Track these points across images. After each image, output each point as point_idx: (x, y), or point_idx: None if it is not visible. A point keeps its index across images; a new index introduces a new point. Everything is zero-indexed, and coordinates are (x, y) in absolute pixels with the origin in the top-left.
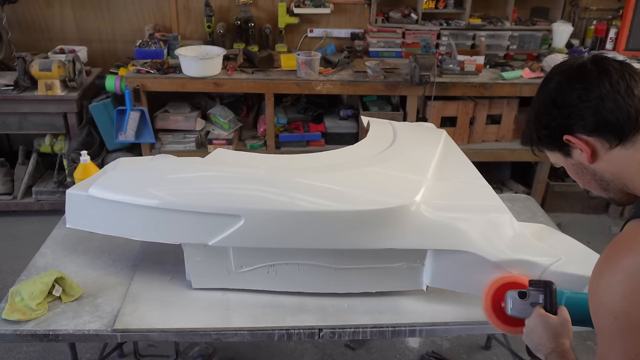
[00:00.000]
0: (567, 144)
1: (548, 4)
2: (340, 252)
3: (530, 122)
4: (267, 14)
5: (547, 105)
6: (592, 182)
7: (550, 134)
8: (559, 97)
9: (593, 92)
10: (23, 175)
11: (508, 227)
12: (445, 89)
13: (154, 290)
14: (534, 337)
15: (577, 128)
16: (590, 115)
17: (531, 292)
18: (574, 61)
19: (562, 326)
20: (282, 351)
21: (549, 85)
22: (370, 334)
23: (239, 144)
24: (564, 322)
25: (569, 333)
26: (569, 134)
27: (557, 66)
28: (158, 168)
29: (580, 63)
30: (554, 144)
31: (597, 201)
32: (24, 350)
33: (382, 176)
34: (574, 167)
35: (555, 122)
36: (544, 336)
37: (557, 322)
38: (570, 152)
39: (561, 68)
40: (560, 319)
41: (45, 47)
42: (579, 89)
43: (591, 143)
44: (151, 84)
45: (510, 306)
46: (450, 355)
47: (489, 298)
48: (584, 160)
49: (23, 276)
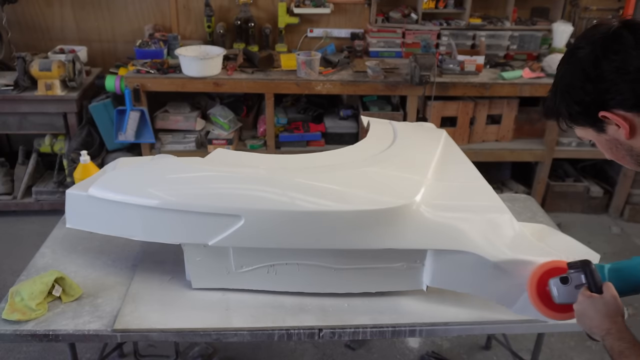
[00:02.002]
0: (601, 120)
1: (548, 4)
2: (340, 252)
3: (556, 94)
4: (267, 14)
5: (579, 79)
6: (626, 157)
7: (584, 110)
8: (593, 71)
9: (632, 64)
10: (23, 175)
11: (508, 227)
12: (445, 89)
13: (154, 290)
14: (585, 320)
15: (615, 104)
16: (629, 90)
17: (572, 275)
18: (606, 29)
19: (611, 304)
20: (282, 351)
21: (579, 56)
22: (370, 334)
23: (239, 144)
24: (611, 299)
25: (619, 309)
26: (606, 110)
27: (587, 34)
28: (158, 168)
29: (615, 30)
30: (586, 121)
31: (597, 201)
32: (24, 350)
33: (382, 176)
34: (608, 142)
35: (589, 97)
36: (595, 318)
37: (605, 302)
38: (605, 128)
39: (593, 37)
40: (607, 297)
41: (45, 47)
42: (617, 61)
43: (629, 119)
44: (151, 84)
45: (556, 295)
46: (450, 355)
47: (534, 290)
48: (620, 136)
49: (23, 276)
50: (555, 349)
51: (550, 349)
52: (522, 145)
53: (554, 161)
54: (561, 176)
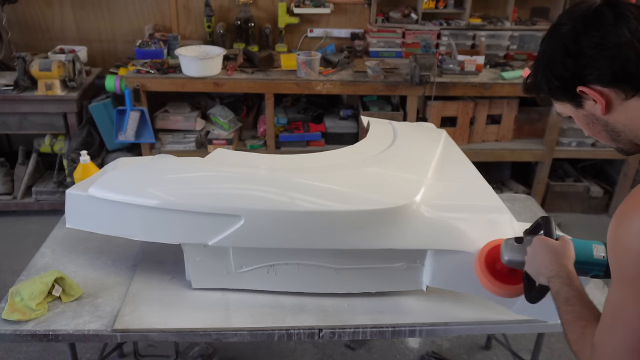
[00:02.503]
0: (579, 95)
1: (548, 4)
2: (340, 252)
3: (538, 69)
4: (267, 14)
5: (560, 54)
6: (602, 132)
7: (563, 85)
8: (573, 46)
9: (611, 41)
10: (23, 175)
11: (508, 227)
12: (445, 89)
13: (154, 290)
14: (535, 262)
15: (593, 79)
16: (607, 66)
17: (528, 237)
18: (587, 6)
19: (564, 247)
20: (282, 351)
21: (561, 31)
22: (370, 334)
23: (239, 144)
24: (565, 243)
25: (570, 253)
26: (584, 85)
27: (570, 11)
28: (158, 168)
29: (596, 8)
30: (565, 95)
31: (597, 201)
32: (24, 350)
33: (382, 176)
34: (585, 117)
35: (568, 72)
36: (545, 259)
37: (558, 245)
38: (582, 103)
39: (575, 13)
40: (562, 242)
41: (45, 47)
42: (596, 37)
43: (606, 94)
44: (151, 84)
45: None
46: (450, 355)
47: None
48: (596, 111)
49: (23, 276)
50: (555, 349)
51: (550, 349)
52: (522, 145)
53: (554, 161)
54: (561, 176)
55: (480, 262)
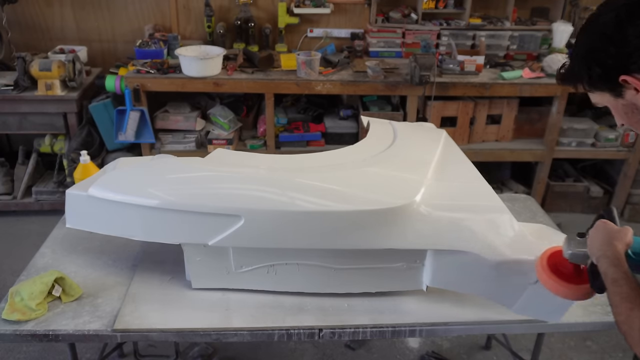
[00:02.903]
0: (620, 84)
1: (548, 4)
2: (340, 252)
3: (577, 59)
4: (267, 14)
5: (602, 43)
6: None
7: (605, 73)
8: (616, 35)
9: None
10: (23, 175)
11: (508, 227)
12: (445, 89)
13: (154, 290)
14: (594, 242)
15: (636, 68)
16: None
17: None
18: None
19: (620, 231)
20: (282, 351)
21: (600, 21)
22: (370, 334)
23: (239, 144)
24: (624, 229)
25: (626, 238)
26: (627, 74)
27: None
28: (158, 168)
29: None
30: (605, 84)
31: (597, 201)
32: (24, 350)
33: (382, 176)
34: (624, 107)
35: (611, 60)
36: (599, 239)
37: (616, 227)
38: (623, 93)
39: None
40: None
41: (45, 47)
42: None
43: None
44: (151, 84)
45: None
46: (450, 355)
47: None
48: (637, 100)
49: (23, 276)
50: (555, 349)
51: (550, 349)
52: (522, 145)
53: (554, 161)
54: (561, 176)
55: (543, 267)
